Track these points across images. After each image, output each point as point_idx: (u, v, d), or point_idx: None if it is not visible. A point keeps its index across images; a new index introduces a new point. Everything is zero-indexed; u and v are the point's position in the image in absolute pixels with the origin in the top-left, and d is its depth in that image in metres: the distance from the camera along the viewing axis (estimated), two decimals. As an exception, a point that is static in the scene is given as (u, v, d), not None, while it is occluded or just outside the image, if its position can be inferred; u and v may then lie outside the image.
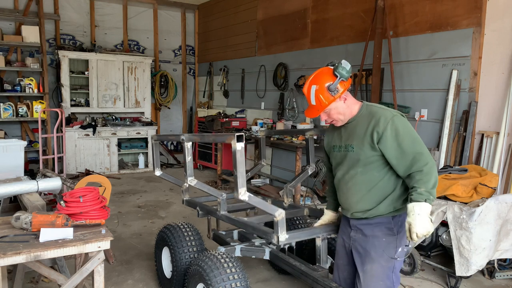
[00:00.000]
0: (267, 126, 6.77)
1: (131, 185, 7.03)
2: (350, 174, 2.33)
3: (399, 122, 2.19)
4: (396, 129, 2.17)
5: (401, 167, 2.19)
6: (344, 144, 2.37)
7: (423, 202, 2.09)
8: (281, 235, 2.40)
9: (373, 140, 2.20)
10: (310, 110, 2.31)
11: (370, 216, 2.32)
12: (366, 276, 2.33)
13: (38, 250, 2.03)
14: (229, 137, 2.27)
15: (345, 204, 2.44)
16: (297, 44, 6.53)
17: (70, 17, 8.19)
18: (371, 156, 2.24)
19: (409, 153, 2.16)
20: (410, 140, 2.17)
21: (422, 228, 2.07)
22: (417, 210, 2.08)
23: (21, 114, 7.26)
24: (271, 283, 3.53)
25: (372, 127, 2.21)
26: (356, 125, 2.31)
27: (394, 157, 2.19)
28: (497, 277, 3.58)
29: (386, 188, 2.29)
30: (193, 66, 9.88)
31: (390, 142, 2.17)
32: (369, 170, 2.27)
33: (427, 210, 2.09)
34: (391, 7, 4.91)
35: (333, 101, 2.23)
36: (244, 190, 2.22)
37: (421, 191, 2.09)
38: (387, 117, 2.20)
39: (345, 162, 2.37)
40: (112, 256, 3.85)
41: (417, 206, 2.09)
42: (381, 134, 2.18)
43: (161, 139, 3.38)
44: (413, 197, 2.11)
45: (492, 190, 3.48)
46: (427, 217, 2.09)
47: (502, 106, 4.03)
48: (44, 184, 3.25)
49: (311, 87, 2.26)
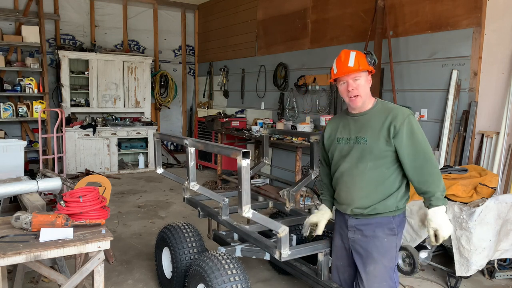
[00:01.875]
0: (267, 126, 6.76)
1: (131, 185, 7.03)
2: (359, 168, 2.31)
3: (415, 121, 2.26)
4: (412, 127, 2.22)
5: (411, 166, 2.23)
6: (354, 136, 2.34)
7: (442, 206, 2.19)
8: (283, 251, 2.42)
9: (390, 135, 2.23)
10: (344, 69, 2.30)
11: (371, 213, 2.31)
12: (369, 278, 2.33)
13: (38, 250, 2.03)
14: (235, 152, 2.25)
15: (346, 199, 2.39)
16: (297, 44, 6.53)
17: (70, 17, 8.19)
18: (384, 151, 2.25)
19: (420, 153, 2.21)
20: (423, 141, 2.23)
21: (448, 231, 2.19)
22: (439, 215, 2.18)
23: (21, 114, 7.25)
24: (271, 283, 3.53)
25: (390, 121, 2.24)
26: (370, 118, 2.32)
27: (406, 154, 2.22)
28: (497, 277, 3.58)
29: (392, 186, 2.29)
30: (193, 66, 9.88)
31: (405, 138, 2.21)
32: (379, 165, 2.27)
33: (445, 212, 2.21)
34: (391, 7, 4.91)
35: (369, 69, 2.31)
36: (248, 207, 2.22)
37: (438, 196, 2.19)
38: (405, 114, 2.25)
39: (353, 155, 2.34)
40: (112, 256, 3.85)
41: (438, 210, 2.19)
42: (398, 129, 2.21)
43: (164, 138, 3.37)
44: (432, 203, 2.20)
45: (492, 190, 3.48)
46: (448, 219, 2.20)
47: (502, 106, 4.03)
48: (44, 184, 3.25)
49: (351, 52, 2.32)
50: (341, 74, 2.31)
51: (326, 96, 5.93)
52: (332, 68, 2.37)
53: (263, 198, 3.90)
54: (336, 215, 2.58)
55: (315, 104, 6.11)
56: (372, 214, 2.31)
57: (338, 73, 2.31)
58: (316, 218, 2.66)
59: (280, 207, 3.62)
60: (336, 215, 2.58)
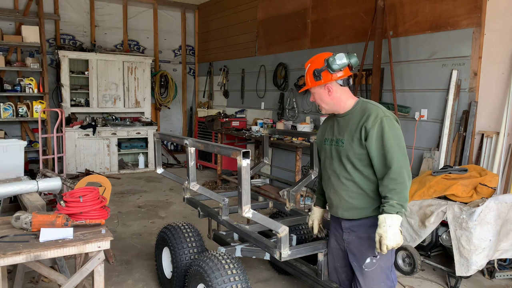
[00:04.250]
0: (267, 126, 6.76)
1: (131, 185, 7.03)
2: (341, 170, 2.30)
3: (388, 123, 2.16)
4: (382, 129, 2.14)
5: (378, 169, 2.18)
6: (335, 138, 2.34)
7: (395, 214, 2.08)
8: (283, 251, 2.42)
9: (361, 136, 2.19)
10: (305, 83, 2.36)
11: (362, 217, 2.30)
12: (366, 279, 2.32)
13: (38, 250, 2.03)
14: (235, 152, 2.25)
15: (335, 201, 2.38)
16: (297, 44, 6.53)
17: (70, 17, 8.19)
18: (359, 154, 2.22)
19: (387, 158, 2.13)
20: (395, 144, 2.13)
21: (392, 240, 2.08)
22: (388, 222, 2.08)
23: (21, 114, 7.25)
24: (271, 283, 3.53)
25: (363, 123, 2.20)
26: (349, 120, 2.29)
27: (375, 157, 2.17)
28: (497, 277, 3.58)
29: (377, 187, 2.26)
30: (193, 66, 9.88)
31: (375, 140, 2.15)
32: (359, 167, 2.24)
33: (398, 222, 2.09)
34: (391, 7, 4.91)
35: (314, 86, 2.30)
36: (248, 207, 2.22)
37: (393, 203, 2.09)
38: (378, 115, 2.18)
39: (334, 157, 2.34)
40: (112, 256, 3.85)
41: (388, 218, 2.08)
42: (368, 130, 2.16)
43: (164, 138, 3.36)
44: (385, 209, 2.10)
45: (492, 190, 3.48)
46: (397, 229, 2.09)
47: (502, 106, 4.03)
48: (44, 184, 3.25)
49: (307, 64, 2.33)
50: (301, 89, 2.42)
51: (326, 96, 5.92)
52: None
53: (263, 198, 3.90)
54: (331, 217, 2.58)
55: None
56: (363, 216, 2.30)
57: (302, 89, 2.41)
58: (310, 221, 2.80)
59: (280, 207, 3.61)
60: (331, 217, 2.58)
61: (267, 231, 3.30)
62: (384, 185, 2.14)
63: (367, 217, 2.29)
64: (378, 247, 2.12)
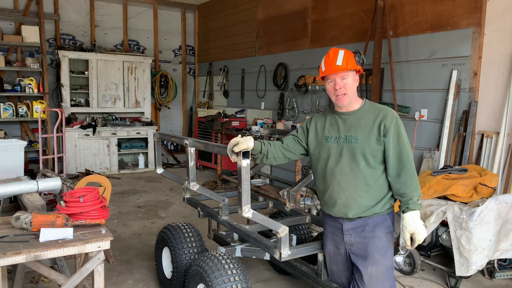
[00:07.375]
0: (267, 126, 6.76)
1: (131, 185, 7.03)
2: (352, 167, 2.29)
3: (401, 123, 2.31)
4: (399, 128, 2.26)
5: (394, 167, 2.26)
6: (344, 135, 2.32)
7: (418, 210, 2.24)
8: (283, 251, 2.42)
9: (380, 133, 2.25)
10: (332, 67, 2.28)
11: (368, 215, 2.31)
12: (371, 279, 2.31)
13: (38, 250, 2.03)
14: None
15: (340, 199, 2.33)
16: (297, 44, 6.53)
17: (70, 17, 8.19)
18: (375, 150, 2.26)
19: (404, 155, 2.24)
20: (407, 144, 2.28)
21: (423, 234, 2.22)
22: (416, 219, 2.22)
23: (21, 114, 7.25)
24: (271, 283, 3.53)
25: (380, 120, 2.26)
26: (360, 117, 2.32)
27: (391, 154, 2.25)
28: (497, 277, 3.58)
29: (384, 184, 2.31)
30: (193, 66, 9.88)
31: (393, 137, 2.24)
32: (371, 164, 2.27)
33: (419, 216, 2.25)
34: (391, 7, 4.91)
35: (357, 68, 2.30)
36: (248, 207, 2.22)
37: (415, 200, 2.23)
38: (394, 115, 2.29)
39: (344, 154, 2.31)
40: (112, 256, 3.85)
41: (415, 214, 2.23)
42: (387, 128, 2.24)
43: (164, 138, 3.36)
44: (410, 206, 2.23)
45: (492, 190, 3.48)
46: (422, 223, 2.25)
47: (502, 106, 4.03)
48: (44, 184, 3.25)
49: (339, 51, 2.31)
50: (329, 72, 2.29)
51: (326, 96, 5.93)
52: (321, 65, 2.36)
53: (263, 198, 3.90)
54: (325, 220, 2.53)
55: (315, 104, 6.11)
56: (369, 214, 2.31)
57: (326, 71, 2.31)
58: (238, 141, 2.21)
59: (280, 207, 3.61)
60: (325, 221, 2.53)
61: (267, 231, 3.30)
62: (402, 182, 2.24)
63: (372, 215, 2.31)
64: (409, 244, 2.24)
